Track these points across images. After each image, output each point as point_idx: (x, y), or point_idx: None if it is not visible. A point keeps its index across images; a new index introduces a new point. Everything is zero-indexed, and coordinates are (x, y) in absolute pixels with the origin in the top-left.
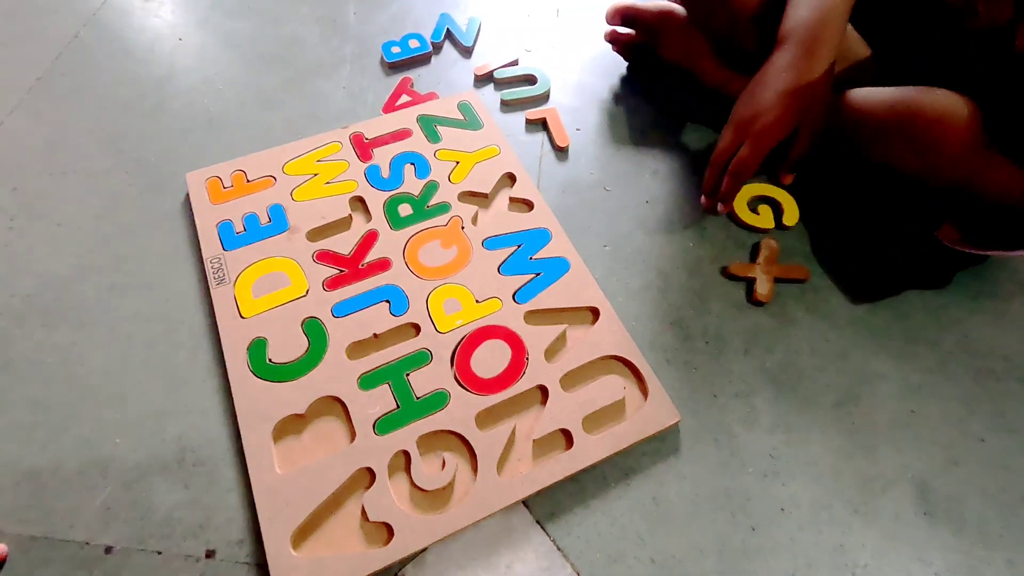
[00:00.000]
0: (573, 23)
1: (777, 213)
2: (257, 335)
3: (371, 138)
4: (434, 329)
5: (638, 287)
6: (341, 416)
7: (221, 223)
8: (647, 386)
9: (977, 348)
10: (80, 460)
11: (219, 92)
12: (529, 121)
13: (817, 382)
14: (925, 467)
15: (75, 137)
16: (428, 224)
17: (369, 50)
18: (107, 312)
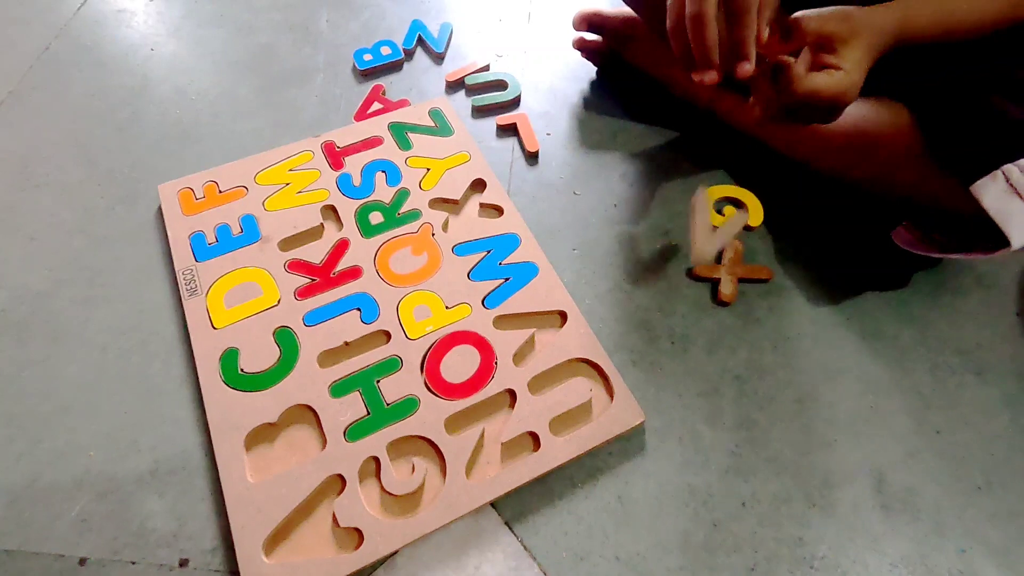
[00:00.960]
0: (544, 28)
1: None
2: (229, 345)
3: (342, 146)
4: (404, 336)
5: (605, 289)
6: (313, 424)
7: (193, 234)
8: (613, 388)
9: (934, 343)
10: (54, 473)
11: (192, 102)
12: (500, 127)
13: (779, 379)
14: (883, 460)
15: (48, 150)
16: (399, 231)
17: (341, 58)
18: (80, 325)
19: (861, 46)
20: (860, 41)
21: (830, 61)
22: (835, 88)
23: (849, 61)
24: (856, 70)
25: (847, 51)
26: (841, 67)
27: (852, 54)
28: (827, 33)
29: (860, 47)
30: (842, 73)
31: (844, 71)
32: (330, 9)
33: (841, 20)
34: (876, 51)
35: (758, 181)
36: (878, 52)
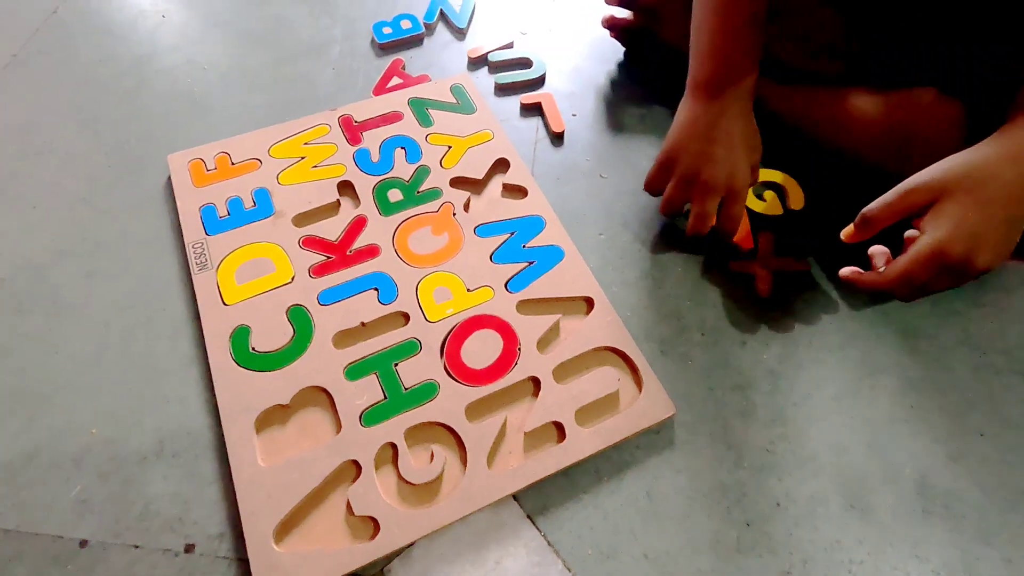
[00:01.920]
0: (570, 6)
1: (783, 199)
2: (240, 323)
3: (360, 121)
4: (424, 318)
5: (633, 277)
6: (327, 407)
7: (204, 207)
8: (642, 378)
9: (977, 342)
10: (54, 451)
11: (203, 72)
12: (524, 106)
13: (815, 375)
14: (923, 463)
15: (52, 117)
16: (419, 210)
17: (359, 31)
18: (84, 299)
19: (953, 204)
20: (948, 203)
21: (924, 228)
22: (922, 257)
23: (933, 222)
24: (948, 225)
25: (934, 215)
26: (923, 232)
27: (941, 213)
28: (901, 212)
29: (952, 205)
30: (929, 236)
31: (931, 234)
32: None
33: (907, 194)
34: (995, 198)
35: (797, 167)
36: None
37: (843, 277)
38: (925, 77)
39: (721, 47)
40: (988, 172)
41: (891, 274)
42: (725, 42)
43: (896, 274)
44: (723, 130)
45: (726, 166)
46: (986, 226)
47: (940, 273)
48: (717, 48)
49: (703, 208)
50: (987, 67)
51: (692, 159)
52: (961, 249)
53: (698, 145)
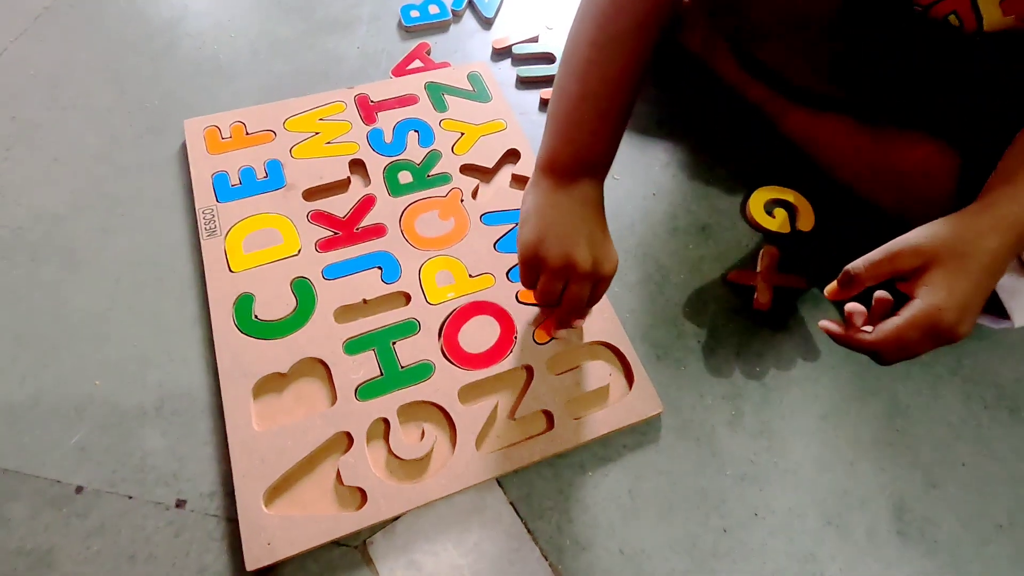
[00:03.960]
0: None
1: (792, 217)
2: (245, 290)
3: (376, 101)
4: (424, 300)
5: (635, 280)
6: (324, 378)
7: (216, 174)
8: (633, 375)
9: (970, 374)
10: (57, 398)
11: (231, 39)
12: (544, 101)
13: (805, 392)
14: (904, 486)
15: (79, 72)
16: (427, 193)
17: (387, 11)
18: (96, 252)
19: (948, 271)
20: (942, 269)
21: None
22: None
23: (928, 288)
24: (943, 293)
25: (927, 282)
26: (915, 296)
27: (933, 280)
28: (888, 274)
29: (947, 273)
30: (925, 302)
31: (926, 299)
32: None
33: (895, 256)
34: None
35: (810, 187)
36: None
37: (824, 329)
38: (921, 119)
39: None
40: (975, 241)
41: (883, 335)
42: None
43: (889, 336)
44: (581, 213)
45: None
46: (974, 295)
47: (925, 338)
48: (578, 123)
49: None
50: (981, 117)
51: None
52: (953, 317)
53: (561, 230)
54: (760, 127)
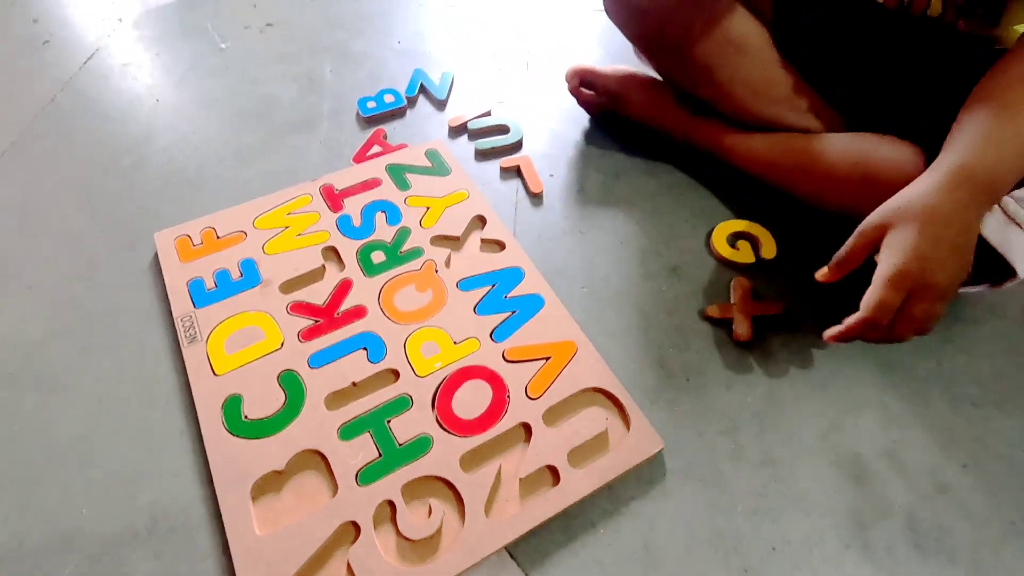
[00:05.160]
0: (543, 74)
1: (755, 247)
2: (232, 392)
3: (341, 189)
4: (413, 373)
5: (617, 328)
6: (322, 469)
7: (191, 281)
8: (629, 416)
9: (951, 375)
10: (44, 534)
11: (196, 150)
12: (503, 169)
13: (800, 414)
14: (911, 497)
15: (50, 198)
16: (402, 269)
17: (346, 106)
18: (77, 374)
19: (900, 231)
20: (896, 231)
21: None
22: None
23: (890, 248)
24: (898, 250)
25: (885, 245)
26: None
27: (891, 242)
28: (862, 249)
29: (900, 232)
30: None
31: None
32: (333, 60)
33: (860, 233)
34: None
35: (767, 216)
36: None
37: (828, 339)
38: (886, 122)
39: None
40: (925, 201)
41: (865, 307)
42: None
43: (870, 304)
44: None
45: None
46: (932, 247)
47: (908, 296)
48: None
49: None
50: (945, 112)
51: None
52: (916, 268)
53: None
54: (712, 167)
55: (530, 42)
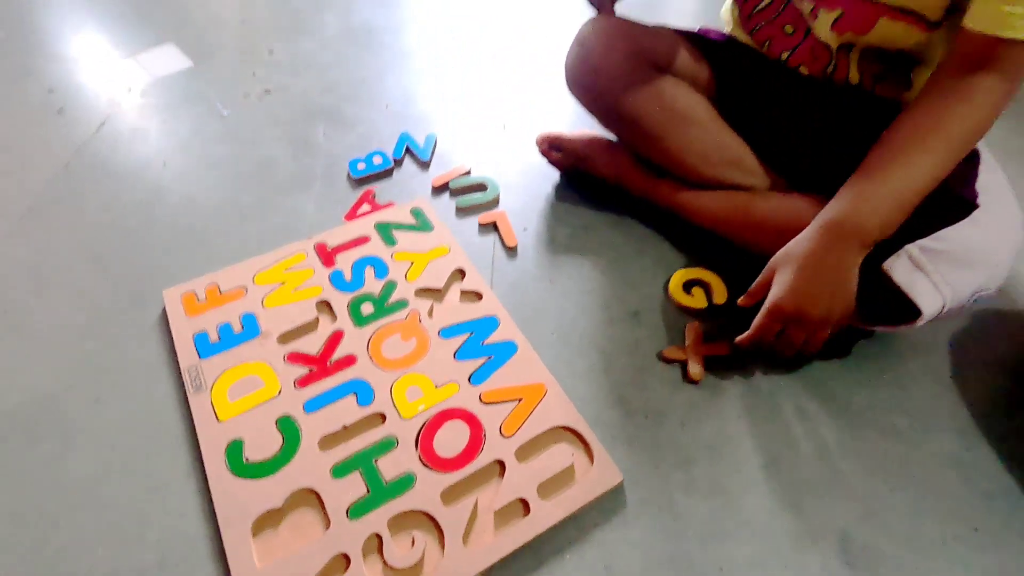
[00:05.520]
0: (519, 135)
1: (708, 293)
2: (234, 436)
3: (333, 246)
4: (398, 416)
5: (583, 370)
6: (316, 506)
7: (197, 334)
8: (593, 452)
9: (883, 406)
10: (61, 572)
11: (200, 209)
12: (481, 225)
13: (746, 447)
14: (845, 520)
15: (64, 259)
16: (389, 320)
17: (338, 167)
18: (89, 423)
19: (782, 272)
20: (780, 271)
21: None
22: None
23: (774, 285)
24: (779, 287)
25: (773, 283)
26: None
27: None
28: (762, 285)
29: (782, 273)
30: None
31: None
32: (326, 124)
33: (762, 273)
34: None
35: (718, 264)
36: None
37: (737, 342)
38: (814, 178)
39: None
40: (802, 248)
41: (752, 328)
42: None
43: (753, 328)
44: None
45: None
46: (808, 285)
47: (787, 325)
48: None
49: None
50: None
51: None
52: (791, 303)
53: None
54: (670, 221)
55: (507, 106)
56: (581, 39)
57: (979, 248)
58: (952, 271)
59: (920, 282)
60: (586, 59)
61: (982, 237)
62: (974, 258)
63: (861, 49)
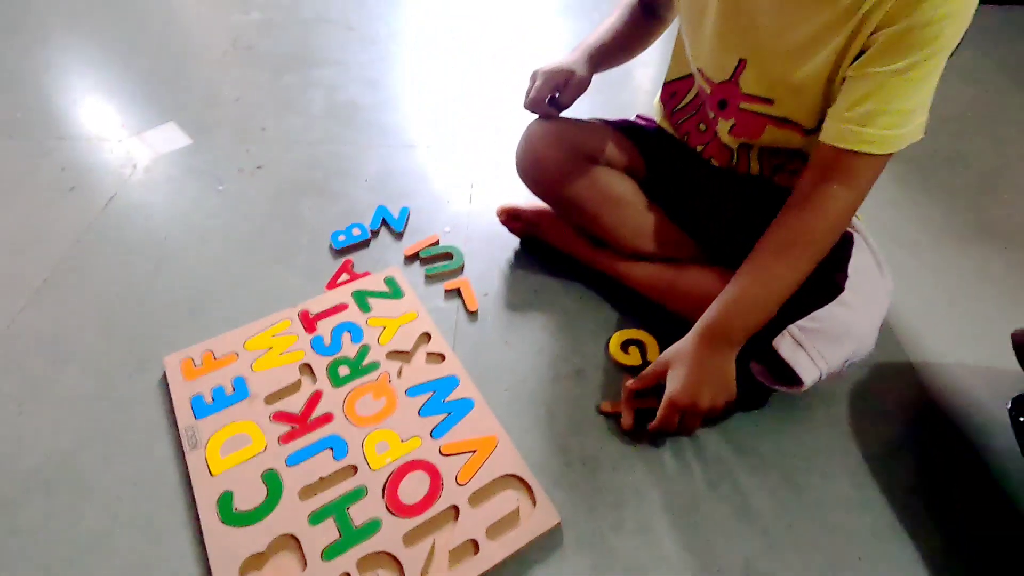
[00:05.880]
0: (483, 206)
1: (643, 352)
2: (225, 489)
3: (316, 313)
4: (368, 468)
5: (531, 423)
6: (295, 549)
7: (193, 397)
8: (536, 497)
9: (788, 451)
10: None
11: (197, 279)
12: (447, 291)
13: (670, 490)
14: (749, 552)
15: (76, 329)
16: (363, 380)
17: (321, 238)
18: (99, 479)
19: (674, 370)
20: (673, 369)
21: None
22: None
23: (669, 382)
24: (673, 384)
25: (667, 379)
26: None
27: (669, 377)
28: (653, 379)
29: (674, 371)
30: (665, 393)
31: (666, 391)
32: (313, 198)
33: (654, 366)
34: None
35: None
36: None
37: (650, 428)
38: (726, 253)
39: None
40: (688, 350)
41: (657, 420)
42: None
43: (658, 419)
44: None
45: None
46: (695, 384)
47: (683, 415)
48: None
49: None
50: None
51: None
52: (685, 399)
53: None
54: (612, 286)
55: (474, 178)
56: (527, 137)
57: (847, 325)
58: (826, 346)
59: (801, 357)
60: (531, 154)
61: (849, 315)
62: (843, 333)
63: (758, 148)
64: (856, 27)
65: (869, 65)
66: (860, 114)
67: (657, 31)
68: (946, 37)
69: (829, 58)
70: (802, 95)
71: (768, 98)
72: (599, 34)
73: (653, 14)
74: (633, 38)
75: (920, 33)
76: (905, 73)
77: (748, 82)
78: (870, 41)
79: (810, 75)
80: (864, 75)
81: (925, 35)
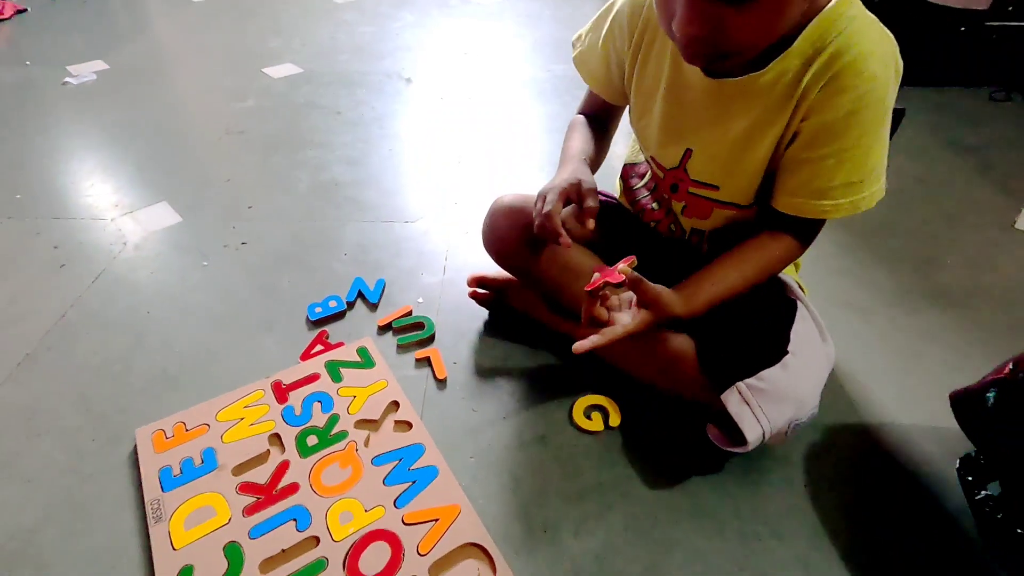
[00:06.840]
0: (454, 278)
1: (605, 417)
2: (186, 563)
3: (288, 383)
4: (331, 539)
5: (494, 490)
6: None
7: (162, 469)
8: (496, 565)
9: (745, 514)
10: None
11: (175, 353)
12: (417, 359)
13: (629, 556)
14: None
15: (52, 402)
16: (330, 450)
17: (298, 310)
18: (64, 555)
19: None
20: (652, 312)
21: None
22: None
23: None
24: (634, 320)
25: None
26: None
27: (638, 315)
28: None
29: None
30: (626, 320)
31: (630, 320)
32: (292, 271)
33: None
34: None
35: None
36: (659, 319)
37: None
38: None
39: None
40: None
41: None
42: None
43: (641, 323)
44: None
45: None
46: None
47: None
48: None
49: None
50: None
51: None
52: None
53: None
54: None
55: (447, 250)
56: (490, 214)
57: (788, 387)
58: (769, 405)
59: (746, 414)
60: (495, 231)
61: (791, 379)
62: (785, 395)
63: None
64: (792, 113)
65: (803, 151)
66: (812, 191)
67: (607, 143)
68: (868, 121)
69: (771, 145)
70: (745, 179)
71: (714, 184)
72: (576, 146)
73: (601, 126)
74: (600, 142)
75: (842, 123)
76: (839, 155)
77: (695, 169)
78: (801, 127)
79: (753, 162)
80: (803, 159)
81: (848, 123)
